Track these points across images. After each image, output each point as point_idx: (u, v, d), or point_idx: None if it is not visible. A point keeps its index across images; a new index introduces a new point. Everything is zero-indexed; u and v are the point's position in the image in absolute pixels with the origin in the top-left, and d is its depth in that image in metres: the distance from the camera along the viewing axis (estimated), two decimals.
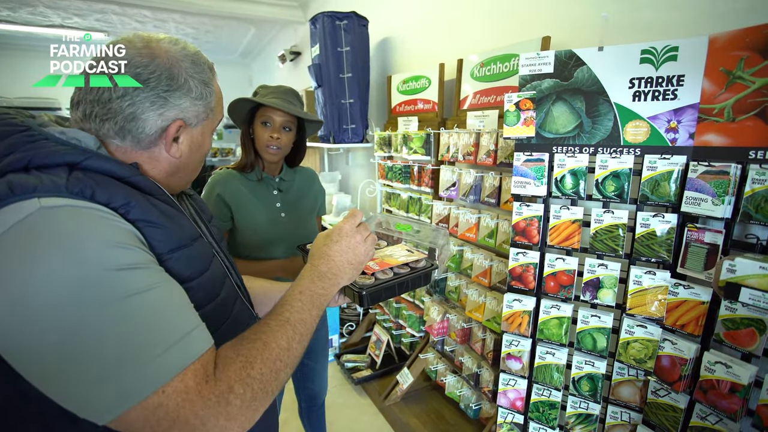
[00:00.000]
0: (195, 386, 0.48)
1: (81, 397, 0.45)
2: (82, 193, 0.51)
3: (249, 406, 0.51)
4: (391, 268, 0.90)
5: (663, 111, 1.13)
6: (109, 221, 0.51)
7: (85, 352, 0.44)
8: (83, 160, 0.54)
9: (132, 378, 0.45)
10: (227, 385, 0.50)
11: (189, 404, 0.47)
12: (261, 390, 0.52)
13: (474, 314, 1.79)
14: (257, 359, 0.54)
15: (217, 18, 4.01)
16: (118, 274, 0.48)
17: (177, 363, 0.48)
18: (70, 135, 0.57)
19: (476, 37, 1.95)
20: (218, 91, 0.70)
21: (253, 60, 6.11)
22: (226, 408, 0.49)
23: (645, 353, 1.19)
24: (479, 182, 1.74)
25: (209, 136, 0.71)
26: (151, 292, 0.50)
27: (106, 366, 0.45)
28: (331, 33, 2.42)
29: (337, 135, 2.61)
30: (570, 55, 1.23)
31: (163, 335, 0.49)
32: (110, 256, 0.48)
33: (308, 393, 1.65)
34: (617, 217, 1.21)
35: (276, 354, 0.56)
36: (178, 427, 0.46)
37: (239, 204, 1.33)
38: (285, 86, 1.39)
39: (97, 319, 0.45)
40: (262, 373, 0.53)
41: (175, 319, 0.52)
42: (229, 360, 0.53)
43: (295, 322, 0.61)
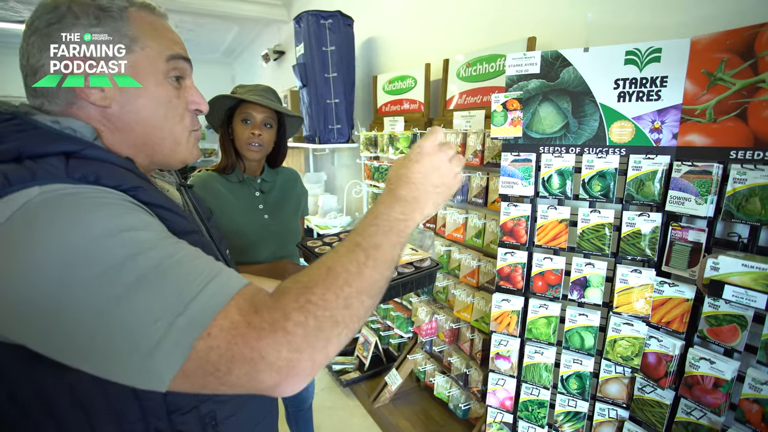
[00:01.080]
0: (242, 318, 0.43)
1: (133, 369, 0.42)
2: (85, 178, 0.48)
3: (316, 336, 0.44)
4: (395, 267, 0.88)
5: (647, 111, 1.14)
6: (117, 197, 0.48)
7: (120, 320, 0.41)
8: (81, 150, 0.50)
9: (172, 331, 0.42)
10: (282, 312, 0.44)
11: (241, 338, 0.43)
12: (328, 318, 0.46)
13: (462, 314, 1.79)
14: (318, 284, 0.47)
15: (199, 15, 3.92)
16: (130, 234, 0.45)
17: (215, 301, 0.44)
18: (64, 124, 0.53)
19: (462, 38, 1.95)
20: (149, 24, 0.59)
21: (236, 59, 6.01)
22: (285, 337, 0.43)
23: (632, 351, 1.21)
24: (466, 182, 1.74)
25: (155, 78, 0.59)
26: (169, 242, 0.47)
27: (144, 328, 0.41)
28: (315, 32, 2.39)
29: (322, 135, 2.58)
30: (556, 56, 1.23)
31: (192, 278, 0.45)
32: (118, 220, 0.45)
33: (294, 397, 1.62)
34: (603, 217, 1.23)
35: (343, 279, 0.49)
36: (237, 365, 0.42)
37: (220, 207, 1.30)
38: (263, 84, 1.36)
39: (122, 282, 0.42)
40: (326, 299, 0.46)
41: (203, 263, 0.48)
42: (285, 289, 0.48)
43: (367, 246, 0.53)
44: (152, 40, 0.58)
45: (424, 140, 0.65)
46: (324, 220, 2.78)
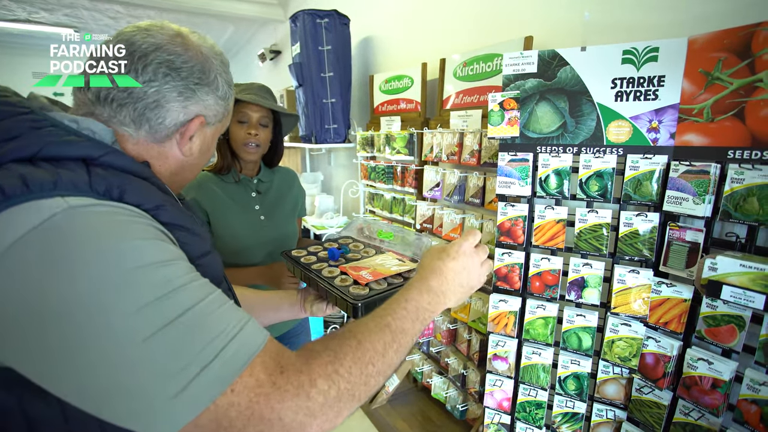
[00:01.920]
0: (267, 378, 0.44)
1: (143, 413, 0.40)
2: (109, 193, 0.46)
3: (332, 406, 0.46)
4: (385, 279, 0.87)
5: (644, 111, 1.14)
6: (143, 223, 0.47)
7: (141, 363, 0.40)
8: (101, 156, 0.49)
9: (196, 382, 0.41)
10: (309, 378, 0.45)
11: (264, 398, 0.43)
12: (347, 391, 0.47)
13: (459, 315, 1.78)
14: (348, 356, 0.49)
15: (194, 15, 3.90)
16: (162, 270, 0.43)
17: (242, 356, 0.43)
18: (83, 125, 0.51)
19: (459, 37, 1.95)
20: (232, 100, 0.71)
21: (233, 59, 5.98)
22: (306, 402, 0.44)
23: (629, 351, 1.20)
24: (463, 182, 1.74)
25: (216, 140, 0.70)
26: (198, 283, 0.46)
27: (166, 374, 0.40)
28: (311, 31, 2.38)
29: (318, 135, 2.57)
30: (553, 55, 1.23)
31: (219, 329, 0.44)
32: (150, 252, 0.44)
33: None
34: (601, 217, 1.22)
35: (369, 356, 0.51)
36: (253, 423, 0.42)
37: (216, 208, 1.28)
38: (257, 83, 1.35)
39: (147, 324, 0.40)
40: (351, 372, 0.48)
41: (229, 311, 0.47)
42: (315, 353, 0.48)
43: (395, 329, 0.56)
44: (229, 115, 0.72)
45: (464, 240, 0.72)
46: (321, 221, 2.77)
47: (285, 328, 1.49)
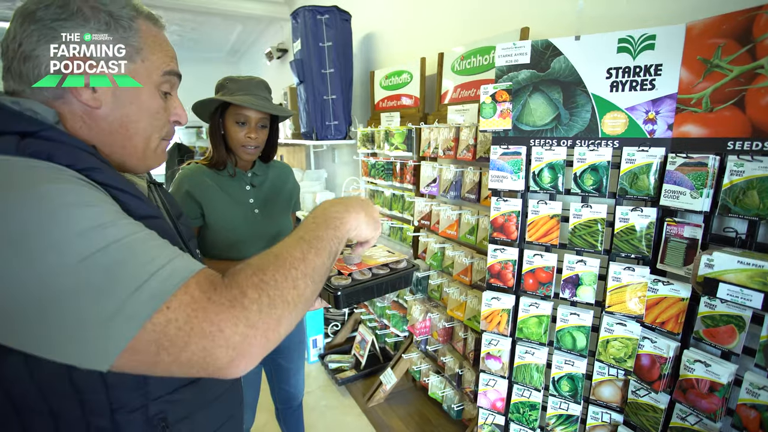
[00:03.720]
0: (202, 294, 0.44)
1: (77, 343, 0.40)
2: (37, 155, 0.46)
3: (269, 313, 0.46)
4: (370, 269, 0.85)
5: (641, 102, 1.09)
6: (69, 174, 0.46)
7: (73, 291, 0.40)
8: (39, 131, 0.49)
9: (131, 301, 0.41)
10: (239, 289, 0.46)
11: (201, 312, 0.43)
12: (279, 297, 0.48)
13: (455, 313, 1.75)
14: (269, 267, 0.50)
15: (201, 14, 3.93)
16: (88, 209, 0.43)
17: (176, 276, 0.44)
18: (24, 105, 0.51)
19: (458, 30, 1.91)
20: (153, 37, 0.61)
21: (241, 58, 6.03)
22: (243, 312, 0.44)
23: (625, 352, 1.16)
24: (459, 178, 1.70)
25: (149, 89, 0.61)
26: (127, 223, 0.46)
27: (98, 298, 0.40)
28: (312, 28, 2.37)
29: (319, 131, 2.56)
30: (546, 45, 1.19)
31: (153, 255, 0.45)
32: (75, 192, 0.44)
33: (283, 395, 1.60)
34: (596, 212, 1.18)
35: (289, 262, 0.51)
36: (194, 339, 0.42)
37: (210, 200, 1.28)
38: (256, 78, 1.32)
39: (76, 253, 0.41)
40: (276, 279, 0.49)
41: (161, 243, 0.48)
42: (237, 270, 0.49)
43: (309, 238, 0.57)
44: (153, 53, 0.60)
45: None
46: None
47: None
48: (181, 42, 4.99)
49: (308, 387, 2.46)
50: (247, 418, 1.44)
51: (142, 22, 0.59)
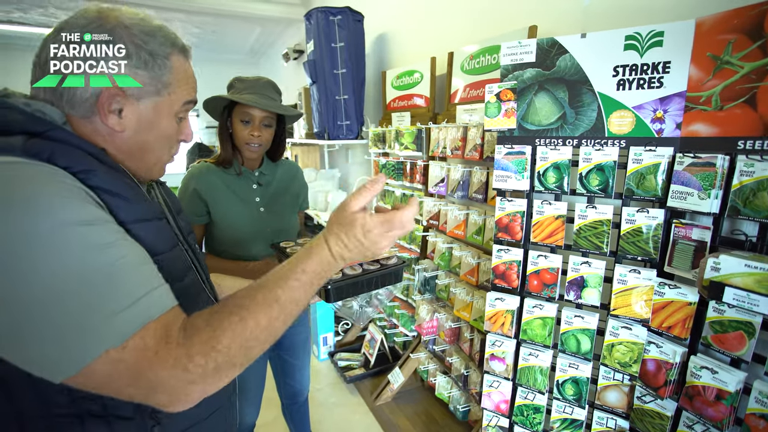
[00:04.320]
0: (154, 346, 0.48)
1: (40, 355, 0.45)
2: (39, 155, 0.50)
3: (212, 375, 0.50)
4: (361, 264, 0.86)
5: (648, 100, 1.07)
6: (63, 180, 0.49)
7: (42, 309, 0.44)
8: (46, 131, 0.52)
9: (92, 333, 0.45)
10: (187, 352, 0.49)
11: (147, 363, 0.47)
12: (226, 363, 0.51)
13: (462, 313, 1.74)
14: (227, 333, 0.51)
15: (220, 17, 4.03)
16: (76, 229, 0.46)
17: (137, 319, 0.47)
18: (34, 107, 0.55)
19: (468, 29, 1.90)
20: (183, 71, 0.65)
21: (260, 59, 6.14)
22: (184, 374, 0.48)
23: (630, 356, 1.13)
24: (467, 177, 1.69)
25: (168, 118, 0.65)
26: (110, 248, 0.49)
27: (66, 322, 0.44)
28: (325, 29, 2.40)
29: (331, 131, 2.58)
30: (552, 43, 1.17)
31: (124, 290, 0.48)
32: (69, 210, 0.47)
33: (289, 390, 1.62)
34: (601, 213, 1.16)
35: (250, 332, 0.53)
36: (140, 382, 0.47)
37: (216, 198, 1.31)
38: (263, 78, 1.35)
39: (54, 275, 0.44)
40: (230, 348, 0.51)
41: (137, 276, 0.50)
42: (196, 329, 0.51)
43: (285, 301, 0.56)
44: (180, 87, 0.65)
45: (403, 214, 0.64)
46: None
47: None
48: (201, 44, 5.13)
49: (317, 384, 2.49)
50: (250, 411, 1.47)
51: (176, 57, 0.63)
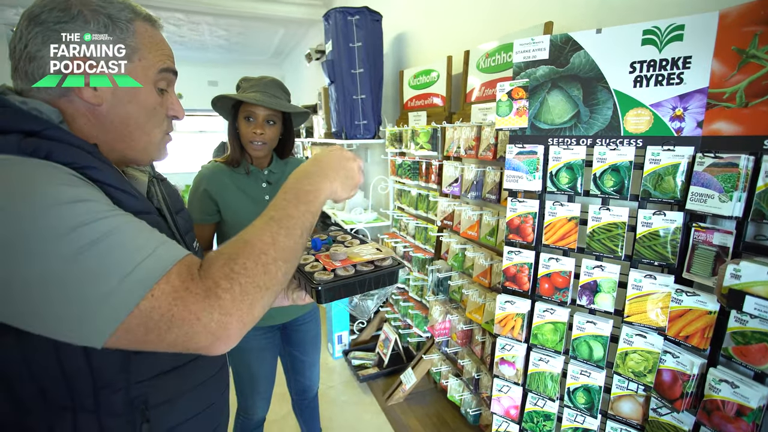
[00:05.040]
0: (181, 284, 0.49)
1: (73, 324, 0.46)
2: (35, 153, 0.51)
3: (241, 300, 0.51)
4: (354, 266, 0.86)
5: (667, 97, 1.02)
6: (59, 168, 0.50)
7: (66, 281, 0.45)
8: (42, 130, 0.53)
9: (120, 289, 0.46)
10: (212, 280, 0.50)
11: (180, 301, 0.48)
12: (250, 284, 0.52)
13: (474, 316, 1.71)
14: (239, 255, 0.53)
15: (246, 19, 4.13)
16: (79, 204, 0.48)
17: (159, 266, 0.49)
18: (31, 105, 0.56)
19: (484, 27, 1.87)
20: (149, 37, 0.64)
21: (284, 60, 6.25)
22: (216, 302, 0.49)
23: (644, 366, 1.08)
24: (481, 178, 1.66)
25: (147, 88, 0.64)
26: (115, 216, 0.51)
27: (92, 285, 0.45)
28: (343, 29, 2.41)
29: (348, 131, 2.60)
30: (566, 40, 1.13)
31: (139, 246, 0.49)
32: (67, 191, 0.48)
33: (299, 386, 1.64)
34: (616, 215, 1.11)
35: (259, 248, 0.55)
36: (176, 324, 0.48)
37: (226, 198, 1.34)
38: (268, 77, 1.37)
39: (65, 246, 0.46)
40: (246, 267, 0.52)
41: (148, 232, 0.52)
42: (211, 260, 0.53)
43: (279, 218, 0.59)
44: (149, 52, 0.64)
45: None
46: (350, 216, 2.80)
47: (294, 315, 1.52)
48: (228, 46, 5.26)
49: (330, 382, 2.51)
50: (261, 405, 1.49)
51: (140, 23, 0.63)
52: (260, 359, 1.44)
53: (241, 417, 1.51)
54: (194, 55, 5.59)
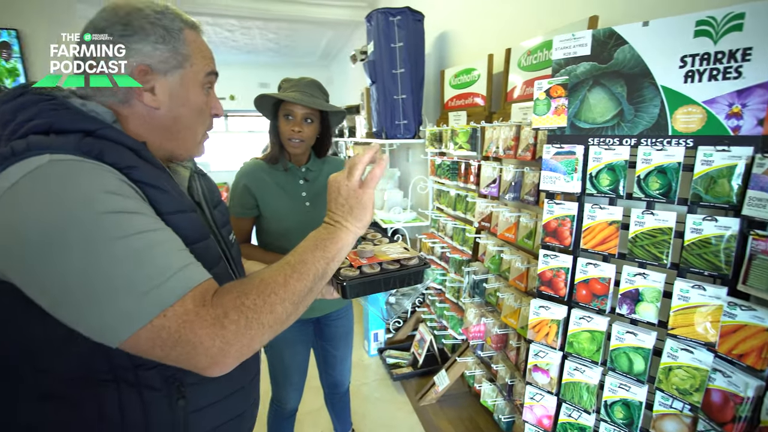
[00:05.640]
0: (193, 309, 0.53)
1: (95, 324, 0.52)
2: (90, 153, 0.57)
3: (243, 333, 0.55)
4: (380, 264, 0.88)
5: (723, 93, 0.93)
6: (109, 174, 0.56)
7: (95, 285, 0.51)
8: (98, 129, 0.60)
9: (138, 304, 0.51)
10: (222, 310, 0.55)
11: (188, 324, 0.52)
12: (255, 320, 0.56)
13: (509, 320, 1.67)
14: (252, 291, 0.58)
15: (295, 23, 4.28)
16: (119, 216, 0.53)
17: (177, 290, 0.53)
18: (89, 107, 0.63)
19: (527, 24, 1.81)
20: (197, 44, 0.71)
21: (332, 61, 6.40)
22: (221, 330, 0.53)
23: (691, 383, 1.00)
24: (519, 179, 1.62)
25: (195, 89, 0.70)
26: (150, 232, 0.55)
27: (115, 295, 0.51)
28: (384, 29, 2.43)
29: (388, 131, 2.62)
30: (609, 34, 1.08)
31: (163, 267, 0.54)
32: (111, 201, 0.54)
33: (330, 380, 1.69)
34: (662, 220, 1.04)
35: (271, 288, 0.59)
36: (180, 345, 0.52)
37: (264, 193, 1.40)
38: (307, 78, 1.42)
39: (104, 256, 0.51)
40: (256, 303, 0.57)
41: (175, 254, 0.57)
42: (225, 291, 0.58)
43: (294, 263, 0.64)
44: (197, 58, 0.71)
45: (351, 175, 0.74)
46: (389, 215, 2.82)
47: (327, 310, 1.57)
48: (278, 49, 5.48)
49: (365, 378, 2.55)
50: (294, 396, 1.55)
51: (188, 31, 0.70)
52: (293, 351, 1.50)
53: (275, 405, 1.58)
54: (246, 58, 5.88)
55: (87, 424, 0.61)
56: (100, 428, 0.61)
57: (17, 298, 0.54)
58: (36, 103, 0.60)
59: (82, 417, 0.61)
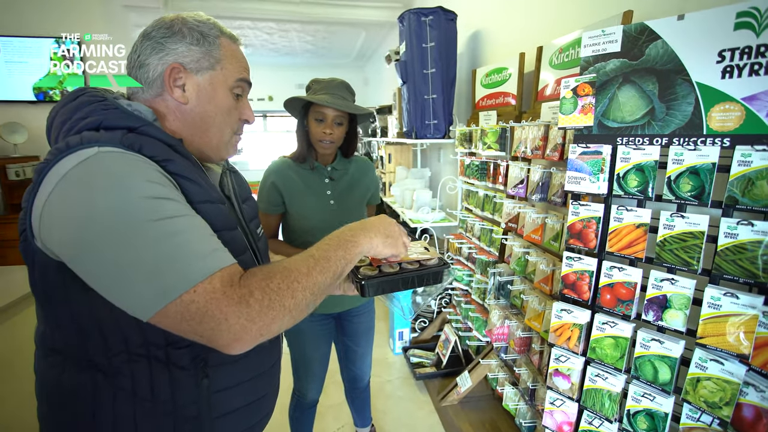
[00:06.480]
0: (221, 287, 0.57)
1: (130, 298, 0.57)
2: (132, 146, 0.64)
3: (266, 313, 0.59)
4: (399, 263, 0.89)
5: (765, 89, 0.88)
6: (148, 165, 0.63)
7: (132, 261, 0.56)
8: (140, 126, 0.68)
9: (170, 279, 0.56)
10: (248, 289, 0.59)
11: (215, 301, 0.56)
12: (277, 302, 0.60)
13: (533, 323, 1.63)
14: (276, 276, 0.63)
15: (331, 24, 4.37)
16: (156, 201, 0.59)
17: (207, 268, 0.58)
18: (134, 107, 0.71)
19: (559, 21, 1.76)
20: (231, 51, 0.78)
21: (367, 62, 6.47)
22: (246, 309, 0.57)
23: (720, 396, 0.95)
24: (546, 179, 1.58)
25: (224, 91, 0.77)
26: (183, 217, 0.61)
27: (150, 271, 0.56)
28: (416, 30, 2.44)
29: (419, 130, 2.62)
30: (641, 29, 1.04)
31: (195, 248, 0.59)
32: (149, 188, 0.60)
33: (350, 375, 1.72)
34: (693, 223, 0.99)
35: (294, 275, 0.64)
36: (206, 320, 0.56)
37: (291, 191, 1.45)
38: (337, 79, 1.45)
39: (142, 236, 0.57)
40: (280, 287, 0.61)
41: (206, 238, 0.63)
42: (251, 274, 0.63)
43: (318, 257, 0.69)
44: (230, 63, 0.78)
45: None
46: (417, 215, 2.83)
47: (349, 306, 1.60)
48: (315, 50, 5.61)
49: (388, 376, 2.57)
50: (314, 387, 1.60)
51: (224, 39, 0.78)
52: (315, 345, 1.54)
53: (296, 396, 1.63)
54: (284, 60, 6.07)
55: (122, 396, 0.67)
56: (134, 401, 0.67)
57: (66, 275, 0.61)
58: (90, 103, 0.68)
59: (120, 388, 0.67)
